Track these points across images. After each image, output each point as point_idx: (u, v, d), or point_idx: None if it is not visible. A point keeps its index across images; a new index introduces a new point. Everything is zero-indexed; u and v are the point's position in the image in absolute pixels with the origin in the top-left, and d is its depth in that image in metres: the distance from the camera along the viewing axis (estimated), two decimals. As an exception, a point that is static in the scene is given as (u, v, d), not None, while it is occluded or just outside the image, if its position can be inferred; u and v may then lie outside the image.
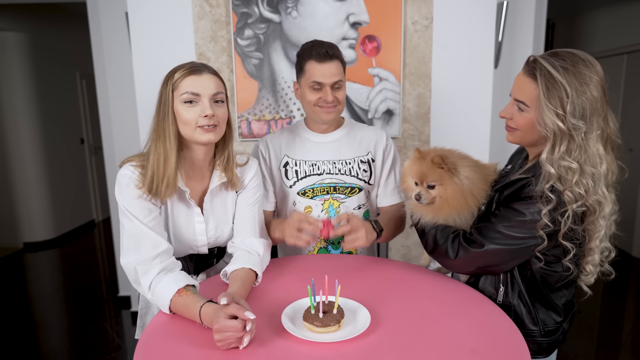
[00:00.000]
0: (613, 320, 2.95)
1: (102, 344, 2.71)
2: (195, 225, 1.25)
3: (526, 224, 1.05)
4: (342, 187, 1.54)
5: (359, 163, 1.56)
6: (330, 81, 1.42)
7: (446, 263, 1.21)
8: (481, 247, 1.10)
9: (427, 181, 1.22)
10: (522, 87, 1.07)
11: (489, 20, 2.23)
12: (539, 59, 1.04)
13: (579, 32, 4.76)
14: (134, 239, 1.12)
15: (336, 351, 0.91)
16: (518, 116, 1.09)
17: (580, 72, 0.99)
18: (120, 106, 2.96)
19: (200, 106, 1.14)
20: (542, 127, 1.03)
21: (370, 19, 2.21)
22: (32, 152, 4.53)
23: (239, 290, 1.09)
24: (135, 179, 1.13)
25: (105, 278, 3.81)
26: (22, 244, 4.62)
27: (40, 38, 4.52)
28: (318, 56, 1.40)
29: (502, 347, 0.94)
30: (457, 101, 2.29)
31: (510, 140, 1.17)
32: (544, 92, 1.00)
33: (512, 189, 1.11)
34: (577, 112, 0.99)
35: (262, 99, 2.29)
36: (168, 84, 1.14)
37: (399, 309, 1.09)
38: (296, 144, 1.56)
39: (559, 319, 1.18)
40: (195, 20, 2.23)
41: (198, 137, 1.15)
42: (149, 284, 1.09)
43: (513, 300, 1.16)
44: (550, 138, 1.02)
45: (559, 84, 0.99)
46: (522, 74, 1.08)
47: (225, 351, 0.91)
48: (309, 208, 1.55)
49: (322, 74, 1.41)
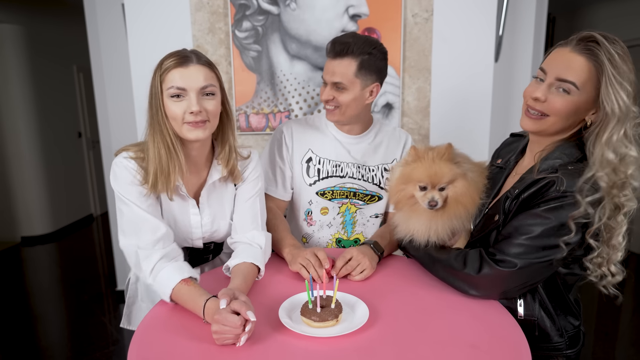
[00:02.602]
0: (610, 313, 2.95)
1: (100, 338, 2.71)
2: (191, 217, 1.23)
3: (557, 231, 0.94)
4: (362, 194, 1.49)
5: (382, 171, 1.51)
6: (331, 80, 1.36)
7: (466, 280, 1.05)
8: (513, 267, 0.97)
9: (441, 182, 1.09)
10: (571, 66, 0.95)
11: (490, 14, 2.21)
12: (597, 36, 0.94)
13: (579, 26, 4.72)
14: (133, 224, 1.11)
15: (334, 346, 0.90)
16: (558, 99, 0.97)
17: (627, 60, 0.94)
18: (118, 99, 2.94)
19: (186, 101, 1.07)
20: (611, 106, 0.91)
21: (369, 11, 2.19)
22: (29, 146, 4.51)
23: (240, 286, 1.08)
24: (133, 170, 1.11)
25: (103, 272, 3.80)
26: (19, 238, 4.61)
27: (37, 31, 4.49)
28: (330, 47, 1.35)
29: (501, 341, 0.93)
30: (457, 95, 2.27)
31: (530, 128, 1.04)
32: (611, 71, 0.91)
33: (532, 190, 0.99)
34: (632, 96, 0.92)
35: (260, 92, 2.27)
36: (156, 74, 1.08)
37: (398, 304, 1.08)
38: (321, 139, 1.50)
39: (576, 322, 1.10)
40: (193, 12, 2.20)
41: (185, 133, 1.10)
42: (151, 269, 1.08)
43: (535, 312, 1.05)
44: (613, 119, 0.92)
45: (620, 67, 0.92)
46: (570, 50, 0.96)
47: (222, 346, 0.91)
48: (326, 210, 1.50)
49: (326, 70, 1.37)
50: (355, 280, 1.21)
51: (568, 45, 0.97)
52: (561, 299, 1.07)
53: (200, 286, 1.06)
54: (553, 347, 1.05)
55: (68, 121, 5.03)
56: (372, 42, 1.36)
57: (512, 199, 1.03)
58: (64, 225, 4.91)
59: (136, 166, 1.12)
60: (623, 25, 4.13)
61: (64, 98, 4.96)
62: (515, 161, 1.19)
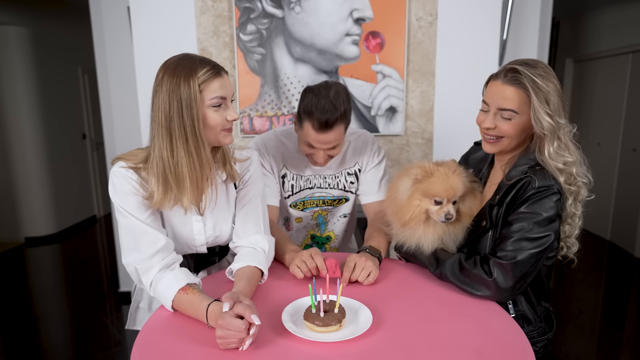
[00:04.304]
0: (614, 320, 2.94)
1: (102, 339, 2.71)
2: (193, 224, 1.22)
3: (542, 222, 1.07)
4: (330, 200, 1.60)
5: (345, 176, 1.57)
6: (325, 147, 1.37)
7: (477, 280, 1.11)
8: (513, 259, 1.07)
9: (456, 196, 1.18)
10: (506, 96, 1.11)
11: (494, 18, 2.21)
12: (519, 67, 1.10)
13: (583, 31, 4.73)
14: (132, 237, 1.10)
15: (337, 351, 0.90)
16: (504, 125, 1.13)
17: (549, 78, 1.09)
18: (122, 102, 2.95)
19: (224, 109, 1.09)
20: (539, 127, 1.09)
21: (374, 15, 2.19)
22: (33, 148, 4.52)
23: (244, 289, 1.08)
24: (132, 180, 1.09)
25: (106, 273, 3.81)
26: (23, 239, 4.62)
27: (42, 33, 4.51)
28: (318, 124, 1.31)
29: (506, 348, 0.92)
30: (461, 99, 2.27)
31: (491, 151, 1.22)
32: (535, 96, 1.07)
33: (512, 193, 1.12)
34: (557, 111, 1.09)
35: (264, 95, 2.28)
36: (190, 85, 1.03)
37: (401, 309, 1.08)
38: (293, 159, 1.55)
39: (547, 304, 1.23)
40: (198, 15, 2.21)
41: (222, 140, 1.12)
42: (150, 282, 1.08)
43: (523, 306, 1.18)
44: (546, 136, 1.09)
45: (543, 90, 1.07)
46: (501, 83, 1.12)
47: (225, 350, 0.90)
48: (300, 219, 1.62)
49: (317, 140, 1.35)
50: (365, 284, 1.21)
51: (499, 78, 1.13)
52: (541, 287, 1.19)
53: (202, 291, 1.06)
54: (537, 333, 1.17)
55: (72, 123, 5.05)
56: None
57: (497, 205, 1.15)
58: (68, 227, 4.92)
59: (136, 176, 1.10)
60: (627, 29, 4.12)
61: (69, 99, 4.98)
62: (488, 171, 1.32)
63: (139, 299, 1.37)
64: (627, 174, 4.12)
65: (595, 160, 4.40)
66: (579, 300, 3.24)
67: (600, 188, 4.34)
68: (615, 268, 3.83)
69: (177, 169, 1.06)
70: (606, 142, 4.44)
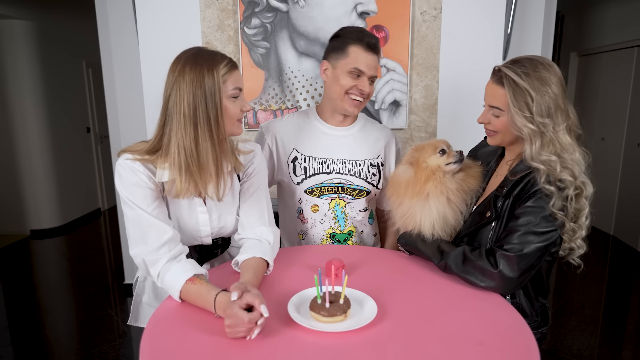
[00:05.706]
0: (618, 315, 2.95)
1: (107, 331, 2.74)
2: (199, 215, 1.24)
3: (549, 218, 1.09)
4: (350, 189, 1.51)
5: (369, 166, 1.52)
6: (371, 73, 1.40)
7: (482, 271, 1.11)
8: (520, 251, 1.08)
9: (451, 147, 1.29)
10: (494, 95, 1.16)
11: (499, 11, 2.20)
12: (502, 68, 1.13)
13: (588, 24, 4.70)
14: (139, 229, 1.11)
15: (343, 341, 0.92)
16: (495, 121, 1.19)
17: (540, 74, 1.09)
18: (127, 95, 2.96)
19: (240, 100, 1.14)
20: (516, 130, 1.13)
21: (378, 8, 2.19)
22: (38, 141, 4.55)
23: (251, 280, 1.09)
24: (139, 172, 1.10)
25: (111, 266, 3.84)
26: (29, 231, 4.66)
27: (47, 26, 4.52)
28: (368, 45, 1.37)
29: (509, 338, 0.93)
30: (465, 93, 2.27)
31: (492, 143, 1.27)
32: (511, 99, 1.11)
33: (520, 187, 1.13)
34: (543, 110, 1.09)
35: (268, 88, 2.29)
36: (212, 76, 1.06)
37: (406, 300, 1.09)
38: (306, 137, 1.51)
39: (544, 300, 1.25)
40: (202, 8, 2.21)
41: (236, 130, 1.16)
42: (158, 274, 1.09)
43: (520, 298, 1.20)
44: (526, 138, 1.12)
45: (522, 89, 1.09)
46: (491, 82, 1.18)
47: (233, 339, 0.92)
48: (316, 207, 1.53)
49: (366, 63, 1.38)
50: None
51: (491, 78, 1.19)
52: (540, 282, 1.21)
53: (209, 281, 1.08)
54: (532, 326, 1.15)
55: (77, 116, 5.07)
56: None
57: (503, 197, 1.16)
58: (73, 219, 4.96)
59: (143, 168, 1.10)
60: (632, 23, 4.10)
61: (74, 93, 5.00)
62: (497, 163, 1.34)
63: (140, 293, 1.38)
64: (631, 169, 4.12)
65: (599, 155, 4.41)
66: (582, 294, 3.25)
67: (604, 183, 4.33)
68: (618, 262, 3.84)
69: (200, 157, 1.08)
70: (610, 137, 4.43)
